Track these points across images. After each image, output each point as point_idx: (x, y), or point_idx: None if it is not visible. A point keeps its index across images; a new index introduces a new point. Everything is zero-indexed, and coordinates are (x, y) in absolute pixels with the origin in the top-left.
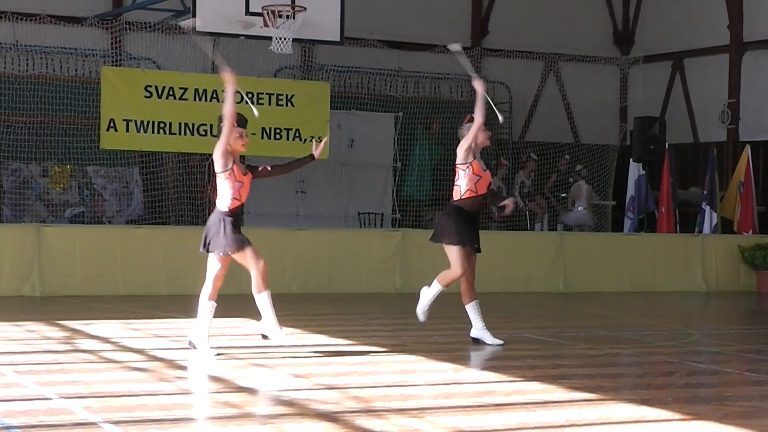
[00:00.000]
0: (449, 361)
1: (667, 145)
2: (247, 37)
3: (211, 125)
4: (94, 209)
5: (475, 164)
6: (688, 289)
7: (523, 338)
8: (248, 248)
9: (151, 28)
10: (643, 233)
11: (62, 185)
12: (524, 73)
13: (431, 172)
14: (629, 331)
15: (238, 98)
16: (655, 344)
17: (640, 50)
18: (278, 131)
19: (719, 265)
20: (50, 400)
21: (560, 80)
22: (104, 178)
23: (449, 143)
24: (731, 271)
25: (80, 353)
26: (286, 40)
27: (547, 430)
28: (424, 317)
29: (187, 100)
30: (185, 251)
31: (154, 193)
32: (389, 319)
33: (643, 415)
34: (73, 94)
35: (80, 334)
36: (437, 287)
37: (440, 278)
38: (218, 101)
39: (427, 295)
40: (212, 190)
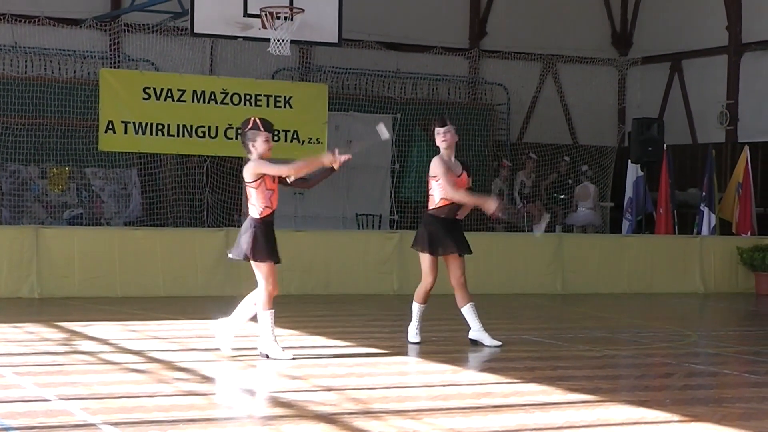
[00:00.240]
0: (447, 362)
1: (665, 146)
2: (245, 38)
3: (209, 127)
4: (92, 211)
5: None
6: (686, 290)
7: (521, 340)
8: (269, 264)
9: (149, 29)
10: (641, 235)
11: (61, 187)
12: (522, 74)
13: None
14: (627, 332)
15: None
16: (653, 346)
17: (638, 51)
18: (276, 132)
19: (717, 266)
20: (49, 401)
21: (558, 81)
22: (103, 179)
23: None
24: (729, 272)
25: (79, 355)
26: (284, 41)
27: (545, 431)
28: (417, 338)
29: (185, 101)
30: (184, 253)
31: (152, 194)
32: (387, 320)
33: (641, 416)
34: (71, 95)
35: (79, 335)
36: (417, 307)
37: (416, 297)
38: (216, 103)
39: (413, 320)
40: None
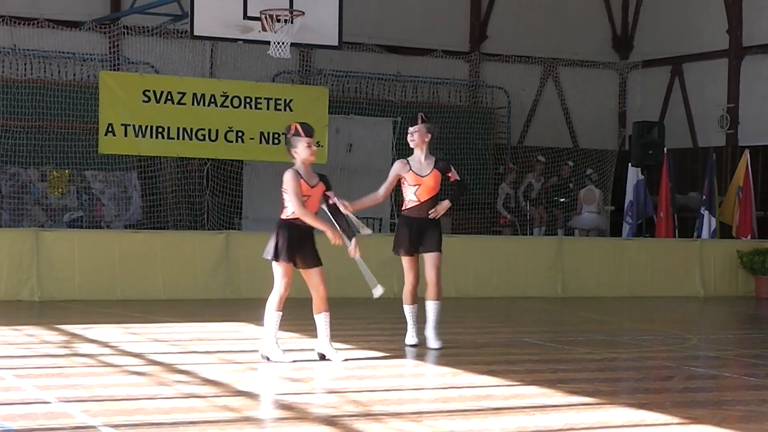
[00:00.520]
0: (447, 365)
1: (665, 150)
2: (245, 41)
3: (209, 130)
4: (92, 214)
5: (409, 175)
6: (686, 294)
7: (521, 342)
8: (284, 264)
9: (149, 32)
10: (641, 238)
11: (60, 190)
12: (523, 77)
13: None
14: (627, 335)
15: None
16: (653, 349)
17: (638, 55)
18: (276, 136)
19: (718, 270)
20: (49, 403)
21: (559, 85)
22: (102, 182)
23: (447, 148)
24: (730, 276)
25: (79, 357)
26: (284, 44)
27: None
28: (412, 341)
29: (185, 104)
30: (184, 256)
31: (152, 197)
32: (387, 323)
33: (641, 419)
34: (71, 98)
35: (79, 338)
36: (406, 309)
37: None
38: (216, 105)
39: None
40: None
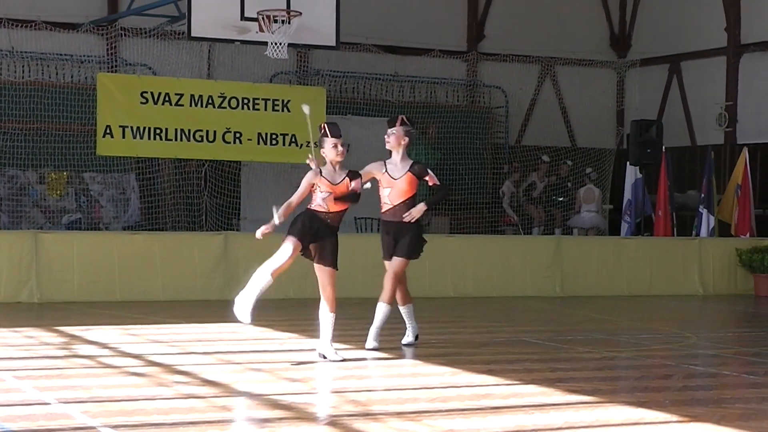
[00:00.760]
0: (446, 364)
1: (664, 148)
2: (242, 42)
3: (207, 131)
4: (91, 215)
5: (383, 177)
6: (685, 292)
7: (520, 342)
8: (291, 240)
9: (146, 33)
10: (640, 237)
11: (59, 192)
12: (520, 77)
13: None
14: (626, 334)
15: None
16: (652, 347)
17: (636, 53)
18: (274, 137)
19: (716, 268)
20: (49, 404)
21: (557, 84)
22: (101, 184)
23: (445, 148)
24: (728, 274)
25: (78, 358)
26: (281, 45)
27: None
28: (373, 344)
29: (183, 106)
30: (182, 257)
31: (150, 199)
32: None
33: (640, 417)
34: (69, 100)
35: (78, 339)
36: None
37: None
38: (214, 107)
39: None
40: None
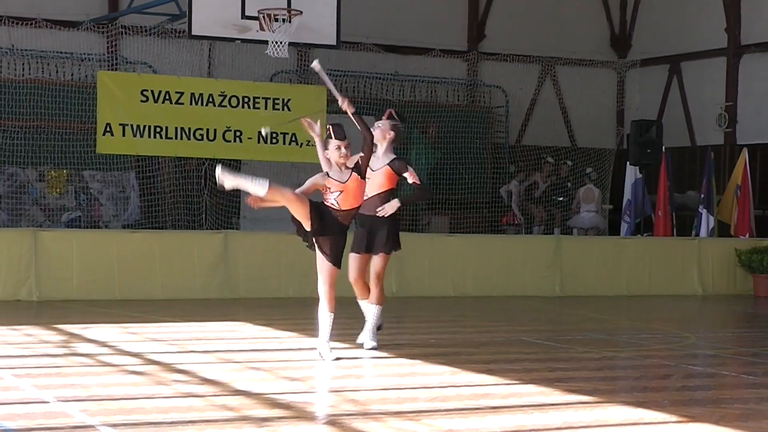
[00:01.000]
0: (445, 364)
1: (664, 148)
2: (243, 41)
3: (207, 129)
4: (90, 214)
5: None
6: (684, 292)
7: (519, 341)
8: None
9: (147, 32)
10: (639, 237)
11: (59, 190)
12: (521, 76)
13: (428, 175)
14: (626, 334)
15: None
16: (651, 347)
17: (637, 54)
18: (274, 136)
19: (716, 268)
20: (48, 403)
21: (557, 84)
22: (101, 182)
23: (445, 147)
24: (728, 274)
25: (78, 357)
26: (282, 44)
27: None
28: (371, 344)
29: (183, 104)
30: (182, 256)
31: (150, 197)
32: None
33: (639, 417)
34: (69, 98)
35: (77, 337)
36: (373, 309)
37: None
38: (214, 105)
39: (366, 325)
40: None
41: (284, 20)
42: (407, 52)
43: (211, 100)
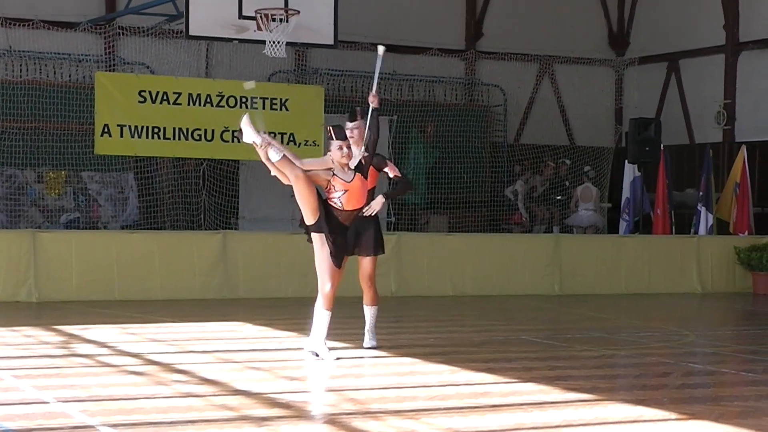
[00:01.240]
0: (445, 363)
1: (662, 146)
2: (240, 41)
3: (205, 130)
4: (89, 215)
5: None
6: (683, 290)
7: (519, 340)
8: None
9: (144, 32)
10: (638, 235)
11: (57, 191)
12: (519, 75)
13: (426, 175)
14: (625, 332)
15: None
16: (650, 345)
17: (635, 51)
18: (272, 135)
19: (715, 266)
20: (48, 403)
21: (555, 82)
22: (99, 183)
23: (444, 146)
24: (727, 272)
25: (77, 357)
26: (279, 43)
27: (543, 430)
28: (371, 343)
29: (181, 104)
30: (181, 256)
31: (149, 198)
32: (385, 321)
33: (639, 415)
34: (67, 99)
35: (77, 338)
36: (371, 310)
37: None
38: (212, 105)
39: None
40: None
41: (282, 20)
42: (405, 51)
43: (208, 100)
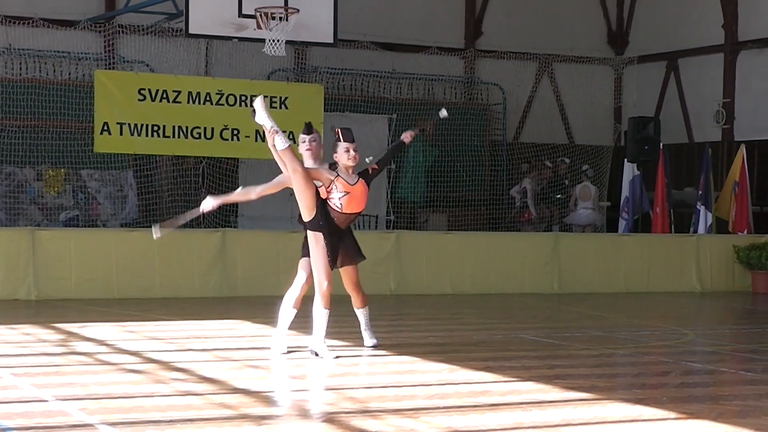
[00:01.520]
0: (444, 361)
1: (661, 145)
2: (240, 39)
3: (204, 128)
4: (88, 213)
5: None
6: (682, 289)
7: (518, 339)
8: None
9: (144, 31)
10: (637, 234)
11: (56, 189)
12: (518, 74)
13: (425, 173)
14: (624, 331)
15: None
16: (650, 344)
17: (634, 50)
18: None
19: (714, 265)
20: (47, 402)
21: (554, 81)
22: (98, 181)
23: (443, 145)
24: (726, 271)
25: (76, 356)
26: (279, 42)
27: (542, 429)
28: (372, 341)
29: (180, 102)
30: (180, 254)
31: (148, 196)
32: (384, 320)
33: (638, 414)
34: (66, 97)
35: (76, 336)
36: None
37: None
38: (212, 104)
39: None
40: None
41: (281, 18)
42: (404, 49)
43: (208, 98)
